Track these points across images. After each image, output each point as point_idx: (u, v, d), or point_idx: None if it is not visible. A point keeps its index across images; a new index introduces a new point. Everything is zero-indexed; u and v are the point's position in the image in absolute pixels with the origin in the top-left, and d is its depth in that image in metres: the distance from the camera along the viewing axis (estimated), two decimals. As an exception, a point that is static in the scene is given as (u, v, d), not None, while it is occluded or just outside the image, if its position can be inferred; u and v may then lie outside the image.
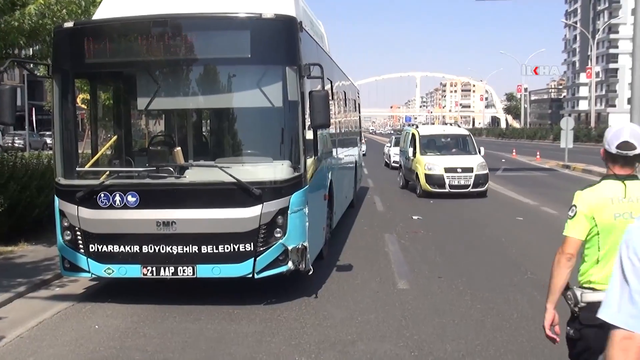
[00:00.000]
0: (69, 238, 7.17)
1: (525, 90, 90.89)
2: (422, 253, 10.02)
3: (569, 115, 34.25)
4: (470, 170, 17.29)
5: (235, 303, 7.23)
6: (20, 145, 28.89)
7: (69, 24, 7.35)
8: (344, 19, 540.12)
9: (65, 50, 7.35)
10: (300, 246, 7.04)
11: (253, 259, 6.91)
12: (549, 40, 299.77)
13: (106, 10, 7.70)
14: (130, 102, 8.53)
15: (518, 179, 22.93)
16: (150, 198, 7.01)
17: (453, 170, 17.23)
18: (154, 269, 6.97)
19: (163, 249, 6.94)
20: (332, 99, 10.01)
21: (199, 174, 7.18)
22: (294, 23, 7.16)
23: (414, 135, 19.13)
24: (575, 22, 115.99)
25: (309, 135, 7.45)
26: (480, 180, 17.37)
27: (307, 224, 7.23)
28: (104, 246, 7.05)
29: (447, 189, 17.14)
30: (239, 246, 6.89)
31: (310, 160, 7.53)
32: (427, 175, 17.28)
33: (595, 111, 77.15)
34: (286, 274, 7.12)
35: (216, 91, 7.83)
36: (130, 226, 7.01)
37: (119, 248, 7.02)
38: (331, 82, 9.91)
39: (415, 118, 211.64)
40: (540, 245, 10.43)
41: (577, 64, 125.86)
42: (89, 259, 7.11)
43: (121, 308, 7.15)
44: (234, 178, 6.82)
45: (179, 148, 7.49)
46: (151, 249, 6.96)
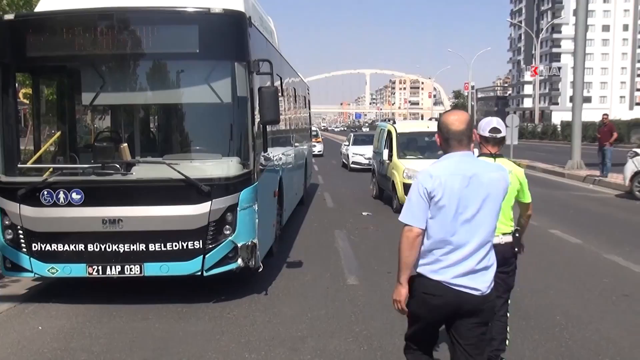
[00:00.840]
0: (10, 237, 6.95)
1: (472, 87, 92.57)
2: (372, 249, 10.10)
3: (514, 112, 35.14)
4: None
5: (183, 301, 7.15)
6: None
7: (9, 16, 7.13)
8: (295, 16, 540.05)
9: (5, 43, 7.12)
10: (249, 243, 7.01)
11: (202, 256, 6.85)
12: (495, 39, 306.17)
13: (50, 2, 7.48)
14: (75, 97, 8.31)
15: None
16: (95, 195, 6.86)
17: None
18: (100, 267, 6.83)
19: (109, 248, 6.81)
20: (282, 95, 9.99)
21: (146, 170, 7.06)
22: (242, 18, 7.11)
23: (390, 133, 15.35)
24: (520, 22, 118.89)
25: (259, 131, 7.42)
26: None
27: (257, 220, 7.20)
28: (48, 245, 6.86)
29: None
30: (187, 244, 6.81)
31: (259, 157, 7.50)
32: (406, 185, 12.99)
33: (539, 109, 79.20)
34: (236, 271, 7.07)
35: (164, 87, 7.70)
36: (74, 224, 6.84)
37: (63, 247, 6.84)
38: (281, 79, 9.89)
39: (365, 115, 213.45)
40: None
41: (522, 63, 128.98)
42: (31, 259, 6.91)
43: (66, 308, 6.99)
44: (182, 175, 6.74)
45: (126, 144, 7.34)
46: (97, 248, 6.81)
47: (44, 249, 6.87)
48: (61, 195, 6.78)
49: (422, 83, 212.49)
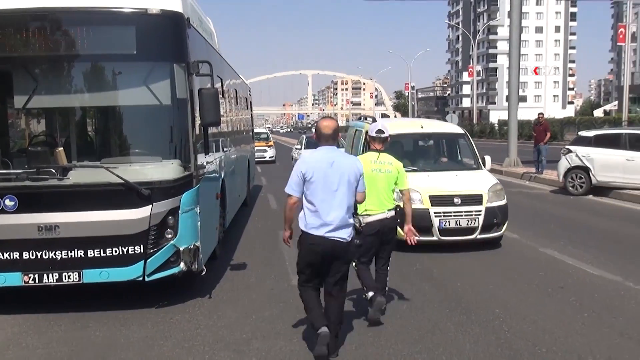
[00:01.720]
0: (-61, 246, 6.66)
1: (413, 88, 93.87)
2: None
3: (453, 112, 35.82)
4: (478, 199, 9.90)
5: (125, 307, 7.01)
6: None
7: None
8: (235, 17, 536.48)
9: None
10: (192, 246, 6.93)
11: (143, 261, 6.73)
12: (434, 40, 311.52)
13: None
14: (7, 100, 8.01)
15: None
16: (30, 201, 6.65)
17: (446, 200, 9.84)
18: (37, 276, 6.62)
19: (46, 255, 6.60)
20: (223, 96, 9.91)
21: (83, 175, 6.88)
22: (181, 19, 7.03)
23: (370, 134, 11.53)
24: (458, 23, 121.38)
25: (199, 133, 7.35)
26: (496, 217, 9.94)
27: (199, 223, 7.14)
28: (-20, 254, 6.60)
29: (437, 236, 9.73)
30: (127, 249, 6.69)
31: (201, 159, 7.43)
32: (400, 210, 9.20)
33: (477, 108, 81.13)
34: (178, 276, 6.99)
35: (101, 89, 7.52)
36: (8, 232, 6.61)
37: (-3, 255, 6.60)
38: (221, 80, 9.82)
39: (308, 116, 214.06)
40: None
41: (460, 63, 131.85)
42: (-38, 268, 6.64)
43: (0, 319, 6.74)
44: (121, 178, 6.61)
45: (61, 148, 7.14)
46: (33, 255, 6.60)
47: (-24, 258, 6.61)
48: (-6, 202, 6.54)
49: (364, 84, 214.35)
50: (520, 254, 9.81)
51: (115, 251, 6.67)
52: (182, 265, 6.87)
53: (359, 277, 6.58)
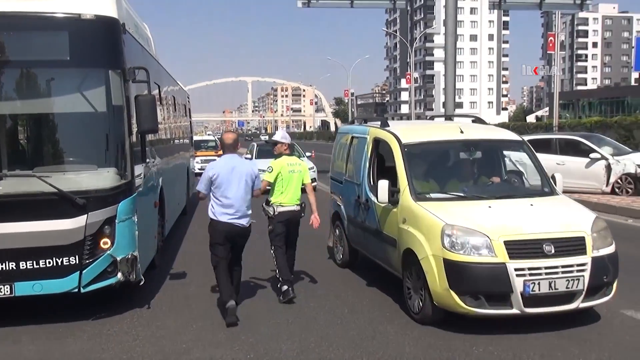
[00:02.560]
0: None
1: (352, 94, 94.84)
2: (257, 255, 10.08)
3: (392, 118, 36.32)
4: (579, 245, 6.24)
5: (60, 320, 6.81)
6: None
7: None
8: (173, 23, 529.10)
9: None
10: (129, 256, 6.80)
11: (79, 272, 6.56)
12: (373, 48, 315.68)
13: None
14: None
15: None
16: None
17: (532, 248, 6.12)
18: (-35, 290, 6.35)
19: (-25, 268, 6.35)
20: (160, 103, 9.77)
21: (15, 184, 6.65)
22: (116, 24, 6.91)
23: (382, 145, 8.15)
24: (395, 31, 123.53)
25: (137, 141, 7.23)
26: (606, 273, 6.28)
27: (137, 232, 7.01)
28: None
29: (519, 308, 6.05)
30: (62, 260, 6.50)
31: (138, 167, 7.30)
32: (452, 264, 6.10)
33: (415, 114, 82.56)
34: (116, 286, 6.84)
35: (34, 96, 7.29)
36: None
37: None
38: (159, 86, 9.68)
39: (249, 123, 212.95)
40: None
41: (398, 70, 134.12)
42: None
43: None
44: (55, 188, 6.43)
45: (-9, 157, 6.89)
46: None
47: None
48: None
49: (304, 90, 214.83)
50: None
51: (49, 262, 6.48)
52: (120, 275, 6.73)
53: (275, 262, 7.71)
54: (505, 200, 6.98)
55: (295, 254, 8.06)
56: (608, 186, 16.70)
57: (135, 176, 7.09)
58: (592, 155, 16.87)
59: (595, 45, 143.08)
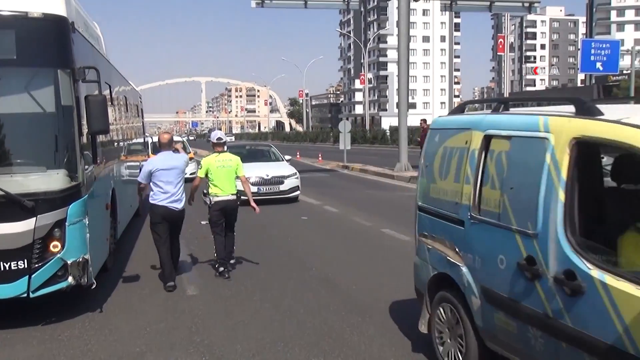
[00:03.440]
0: None
1: (307, 95, 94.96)
2: (211, 257, 10.02)
3: (347, 118, 36.48)
4: None
5: (8, 327, 6.62)
6: None
7: None
8: (125, 22, 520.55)
9: None
10: (80, 259, 6.66)
11: (27, 277, 6.40)
12: (327, 48, 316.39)
13: None
14: None
15: (303, 181, 23.41)
16: None
17: None
18: None
19: None
20: (112, 103, 9.61)
21: (-41, 187, 6.44)
22: (64, 23, 6.76)
23: (595, 154, 4.12)
24: (349, 32, 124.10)
25: (87, 142, 7.09)
26: None
27: (88, 235, 6.87)
28: None
29: None
30: (10, 264, 6.33)
31: (89, 169, 7.17)
32: None
33: (370, 115, 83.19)
34: (66, 290, 6.69)
35: (-22, 95, 7.08)
36: None
37: None
38: (110, 86, 9.53)
39: (202, 123, 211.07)
40: (323, 242, 11.00)
41: (352, 71, 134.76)
42: None
43: None
44: (2, 190, 6.26)
45: None
46: None
47: None
48: None
49: (258, 91, 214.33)
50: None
51: (-4, 267, 6.29)
52: (70, 279, 6.59)
53: (215, 245, 8.97)
54: None
55: (234, 237, 9.23)
56: None
57: (86, 178, 6.95)
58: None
59: (543, 47, 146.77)
